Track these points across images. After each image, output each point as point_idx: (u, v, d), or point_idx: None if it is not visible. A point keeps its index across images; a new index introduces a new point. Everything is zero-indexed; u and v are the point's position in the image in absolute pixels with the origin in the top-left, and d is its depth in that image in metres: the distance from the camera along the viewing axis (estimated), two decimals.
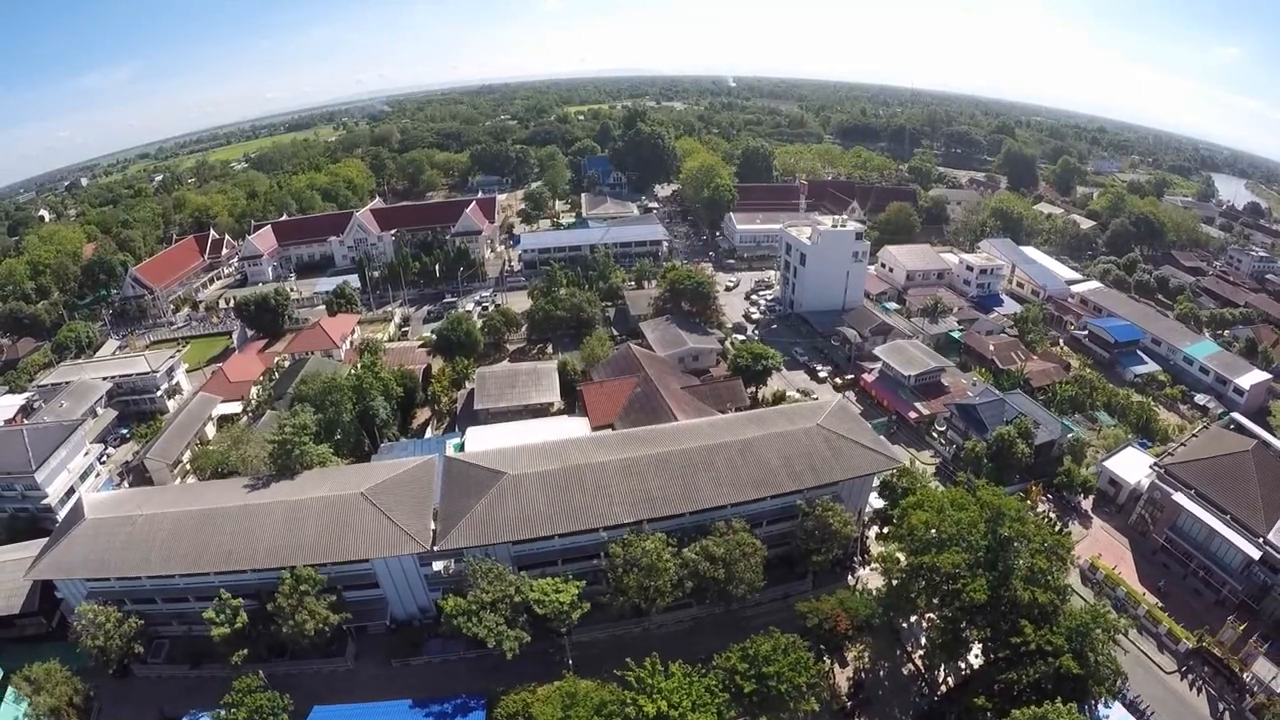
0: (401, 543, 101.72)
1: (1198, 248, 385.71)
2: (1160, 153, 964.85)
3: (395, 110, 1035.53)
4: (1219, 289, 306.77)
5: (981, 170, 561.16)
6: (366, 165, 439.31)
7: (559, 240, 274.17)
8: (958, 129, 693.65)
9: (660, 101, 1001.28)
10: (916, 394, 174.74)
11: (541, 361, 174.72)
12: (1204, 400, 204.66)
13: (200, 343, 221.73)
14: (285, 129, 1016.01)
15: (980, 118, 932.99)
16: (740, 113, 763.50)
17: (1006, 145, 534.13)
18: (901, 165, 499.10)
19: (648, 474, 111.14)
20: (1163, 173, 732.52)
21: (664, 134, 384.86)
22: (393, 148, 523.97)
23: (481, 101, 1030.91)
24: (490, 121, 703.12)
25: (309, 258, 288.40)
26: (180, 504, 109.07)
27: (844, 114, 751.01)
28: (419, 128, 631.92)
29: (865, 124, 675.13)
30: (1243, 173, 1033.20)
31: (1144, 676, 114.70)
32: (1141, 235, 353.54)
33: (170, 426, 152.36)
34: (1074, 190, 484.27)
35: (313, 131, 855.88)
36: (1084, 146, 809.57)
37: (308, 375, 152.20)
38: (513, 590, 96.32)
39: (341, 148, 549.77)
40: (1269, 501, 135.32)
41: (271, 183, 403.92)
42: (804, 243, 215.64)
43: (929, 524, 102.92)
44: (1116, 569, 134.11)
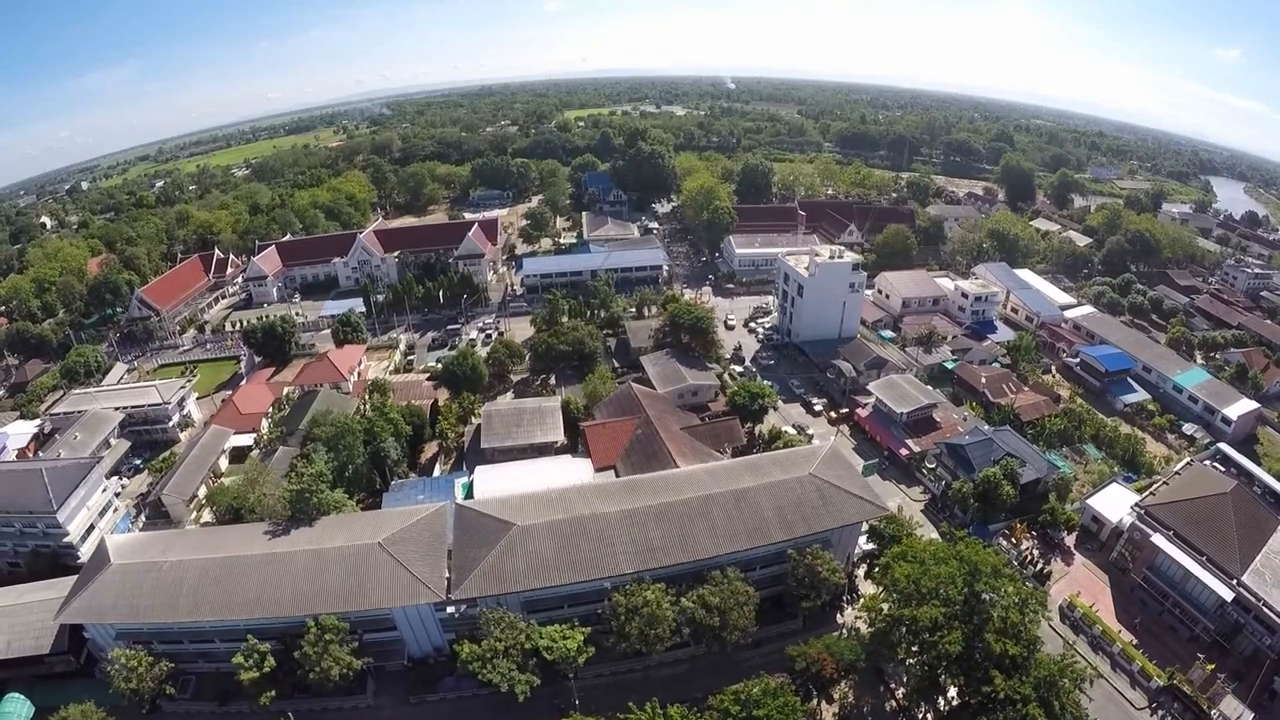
0: (418, 592, 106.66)
1: (1194, 263, 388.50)
2: (1159, 157, 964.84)
3: (395, 113, 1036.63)
4: (1212, 309, 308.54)
5: (980, 179, 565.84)
6: (367, 178, 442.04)
7: (560, 265, 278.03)
8: (957, 137, 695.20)
9: (660, 105, 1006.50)
10: (908, 430, 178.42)
11: (545, 399, 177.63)
12: (1192, 430, 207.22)
13: (208, 367, 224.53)
14: (285, 131, 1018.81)
15: (980, 122, 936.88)
16: (740, 119, 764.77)
17: (1005, 158, 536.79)
18: (900, 177, 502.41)
19: (648, 524, 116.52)
20: (1161, 180, 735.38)
21: (664, 153, 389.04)
22: (394, 157, 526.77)
23: (481, 105, 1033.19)
24: (491, 128, 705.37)
25: (313, 278, 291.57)
26: (204, 550, 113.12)
27: (843, 121, 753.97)
28: (419, 134, 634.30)
29: (864, 132, 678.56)
30: (1242, 176, 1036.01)
31: (1116, 713, 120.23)
32: (1137, 253, 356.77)
33: (185, 461, 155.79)
34: (1071, 203, 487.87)
35: (313, 135, 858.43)
36: (1083, 152, 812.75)
37: (318, 413, 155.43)
38: (523, 638, 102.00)
39: (342, 156, 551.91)
40: (1245, 543, 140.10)
41: (274, 195, 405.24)
42: (801, 274, 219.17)
43: (910, 577, 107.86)
44: (1094, 606, 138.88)
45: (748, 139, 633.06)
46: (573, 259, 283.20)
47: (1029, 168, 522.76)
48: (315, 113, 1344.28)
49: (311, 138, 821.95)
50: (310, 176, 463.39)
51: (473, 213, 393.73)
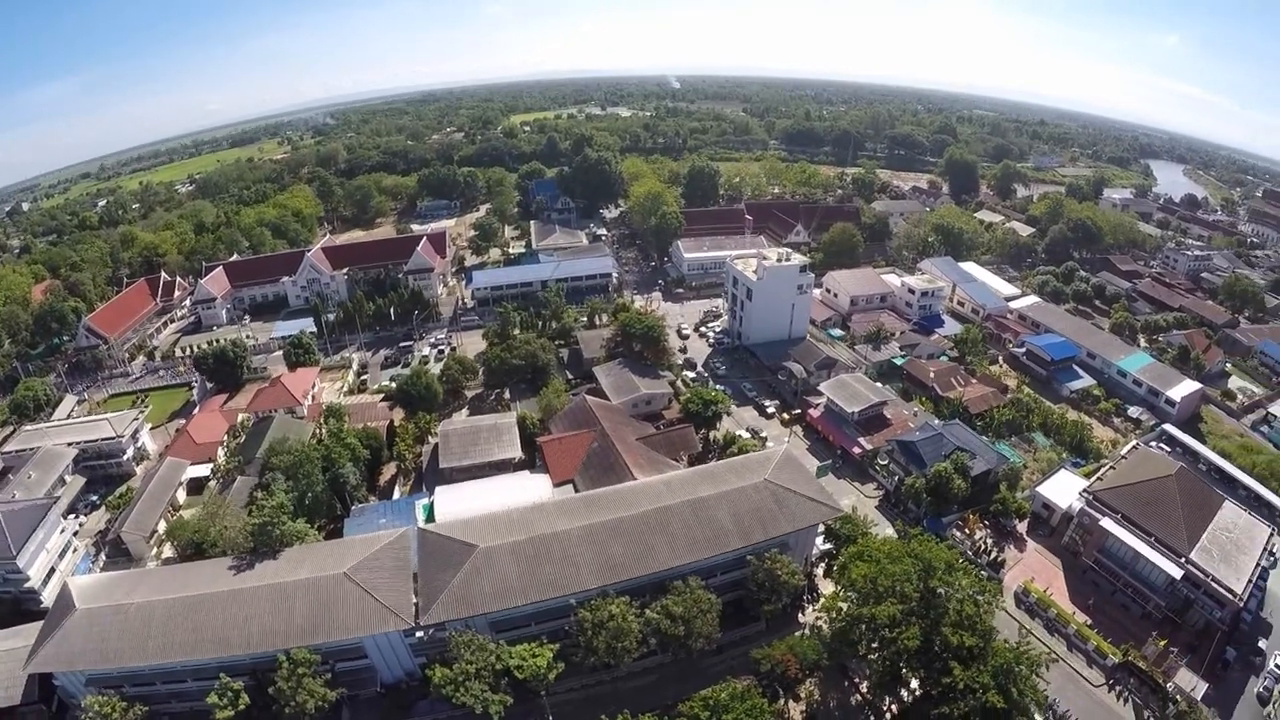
0: (387, 620, 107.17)
1: (1135, 248, 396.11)
2: (1100, 143, 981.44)
3: (340, 122, 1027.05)
4: (1154, 292, 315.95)
5: (925, 172, 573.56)
6: (313, 192, 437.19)
7: (510, 277, 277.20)
8: (901, 131, 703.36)
9: (605, 107, 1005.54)
10: (860, 428, 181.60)
11: (501, 415, 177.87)
12: (1137, 413, 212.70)
13: (159, 395, 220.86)
14: (228, 144, 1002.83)
15: (923, 115, 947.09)
16: (686, 119, 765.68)
17: (949, 151, 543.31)
18: (845, 173, 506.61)
19: (609, 540, 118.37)
20: (1102, 166, 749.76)
21: (610, 159, 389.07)
22: (339, 169, 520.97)
23: (426, 112, 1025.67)
24: (436, 135, 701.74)
25: (262, 298, 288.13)
26: (170, 589, 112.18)
27: (788, 118, 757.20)
28: (365, 144, 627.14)
29: (809, 129, 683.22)
30: (1181, 158, 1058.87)
31: (1074, 691, 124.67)
32: (1080, 241, 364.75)
33: (142, 496, 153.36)
34: (1014, 193, 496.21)
35: (257, 148, 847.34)
36: (1025, 141, 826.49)
37: (275, 441, 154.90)
38: (494, 659, 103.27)
39: (287, 170, 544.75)
40: (1191, 522, 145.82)
41: (219, 213, 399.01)
42: (750, 278, 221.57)
43: (867, 576, 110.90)
44: (1049, 590, 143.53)
45: (694, 139, 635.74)
46: (522, 270, 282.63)
47: (972, 160, 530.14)
48: (258, 124, 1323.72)
49: (255, 150, 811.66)
50: (255, 192, 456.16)
51: (420, 224, 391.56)
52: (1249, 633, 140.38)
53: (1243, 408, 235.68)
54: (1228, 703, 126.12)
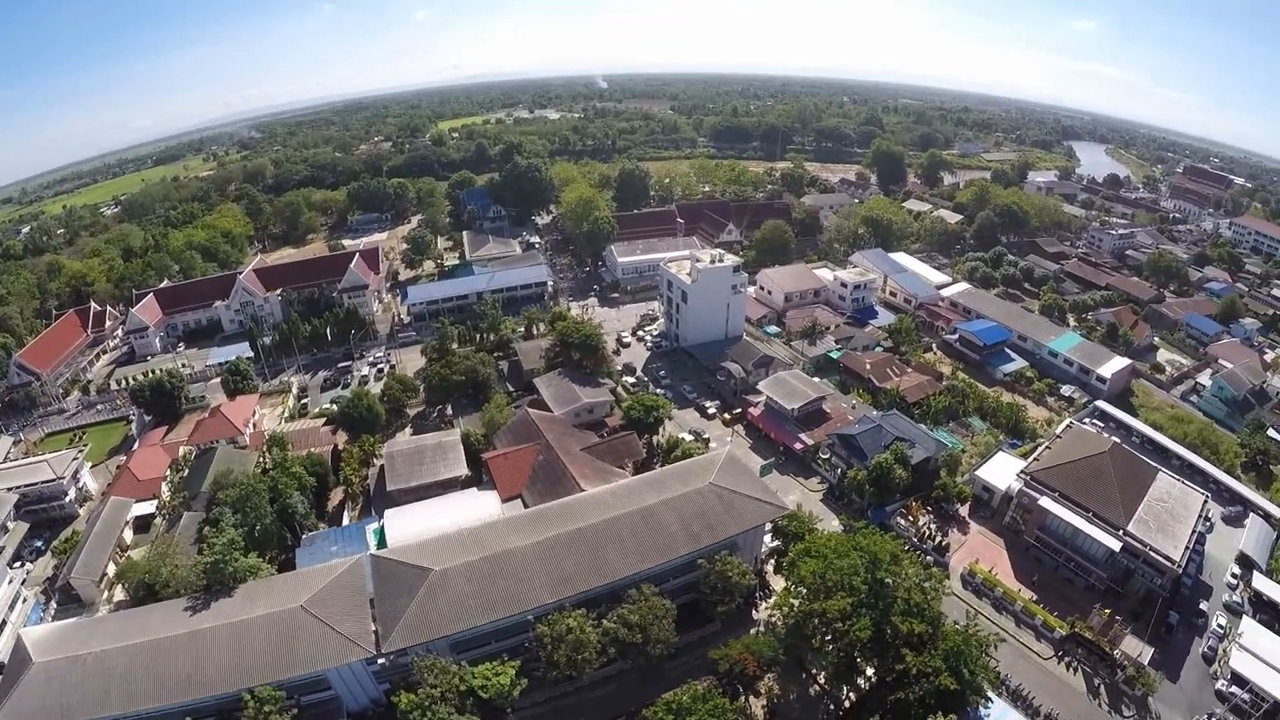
0: (348, 650, 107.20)
1: (1061, 229, 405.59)
2: (1024, 127, 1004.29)
3: (265, 136, 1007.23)
4: (1081, 272, 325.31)
5: (853, 164, 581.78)
6: (242, 210, 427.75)
7: (445, 291, 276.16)
8: (828, 124, 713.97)
9: (533, 110, 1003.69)
10: (800, 424, 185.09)
11: (445, 433, 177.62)
12: (1070, 391, 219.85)
13: (97, 432, 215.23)
14: (153, 162, 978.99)
15: (849, 106, 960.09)
16: (614, 119, 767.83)
17: (875, 143, 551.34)
18: (774, 169, 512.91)
19: (561, 553, 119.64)
20: (1026, 150, 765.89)
21: (540, 165, 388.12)
22: (267, 184, 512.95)
23: (354, 121, 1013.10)
24: (364, 145, 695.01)
25: (196, 324, 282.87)
26: (127, 636, 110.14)
27: (716, 115, 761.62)
28: (292, 158, 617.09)
29: (737, 125, 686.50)
30: (1103, 138, 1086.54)
31: (1025, 665, 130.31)
32: (1007, 225, 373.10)
33: (89, 539, 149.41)
34: (941, 181, 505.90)
35: (182, 165, 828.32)
36: (950, 129, 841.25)
37: (220, 474, 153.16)
38: (457, 680, 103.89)
39: (214, 188, 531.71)
40: (1127, 496, 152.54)
41: (147, 236, 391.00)
42: (684, 280, 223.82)
43: (816, 572, 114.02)
44: (994, 570, 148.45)
45: (623, 140, 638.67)
46: (457, 283, 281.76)
47: (899, 150, 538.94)
48: (183, 139, 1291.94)
49: (180, 168, 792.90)
50: (182, 212, 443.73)
51: (352, 239, 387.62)
52: (1190, 596, 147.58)
53: (1172, 379, 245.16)
54: (1174, 664, 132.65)
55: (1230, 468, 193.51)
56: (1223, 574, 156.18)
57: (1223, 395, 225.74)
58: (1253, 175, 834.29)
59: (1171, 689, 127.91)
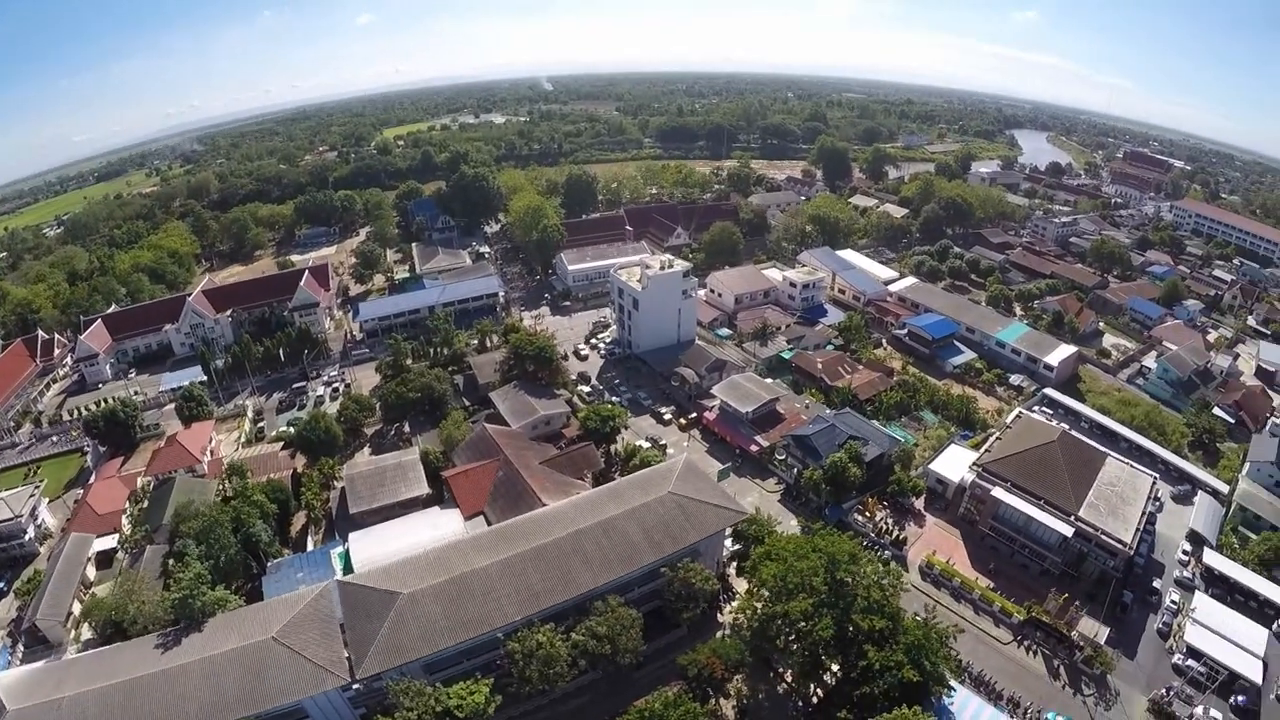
0: (323, 679, 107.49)
1: (1005, 219, 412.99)
2: (966, 118, 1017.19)
3: (209, 148, 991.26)
4: (1026, 261, 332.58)
5: (798, 160, 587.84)
6: (188, 228, 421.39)
7: (398, 305, 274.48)
8: (773, 121, 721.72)
9: (479, 115, 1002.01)
10: (755, 426, 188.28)
11: (404, 452, 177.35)
12: (1018, 380, 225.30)
13: (52, 465, 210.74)
14: (95, 178, 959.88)
15: (794, 102, 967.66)
16: (560, 122, 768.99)
17: (820, 139, 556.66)
18: (721, 168, 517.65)
19: (527, 570, 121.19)
20: (969, 140, 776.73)
21: (488, 174, 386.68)
22: (212, 199, 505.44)
23: (298, 131, 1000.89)
24: (309, 157, 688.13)
25: (146, 349, 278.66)
26: (99, 678, 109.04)
27: (662, 115, 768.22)
28: (236, 171, 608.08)
29: (683, 124, 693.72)
30: (1044, 126, 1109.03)
31: (986, 651, 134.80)
32: (952, 218, 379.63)
33: (52, 579, 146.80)
34: (886, 176, 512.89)
35: (125, 181, 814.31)
36: (894, 121, 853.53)
37: (180, 505, 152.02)
38: (433, 702, 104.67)
39: (158, 205, 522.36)
40: (1076, 482, 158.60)
41: (92, 259, 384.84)
42: (635, 288, 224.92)
43: (777, 575, 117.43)
44: (951, 560, 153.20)
45: (569, 143, 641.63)
46: (409, 297, 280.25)
47: (843, 146, 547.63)
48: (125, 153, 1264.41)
49: (123, 184, 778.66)
50: (127, 231, 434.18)
51: (301, 254, 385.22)
52: (1143, 575, 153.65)
53: (1118, 364, 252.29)
54: (1130, 642, 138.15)
55: (1177, 448, 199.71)
56: (1174, 552, 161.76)
57: (1168, 377, 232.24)
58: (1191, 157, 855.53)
59: (1129, 665, 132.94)
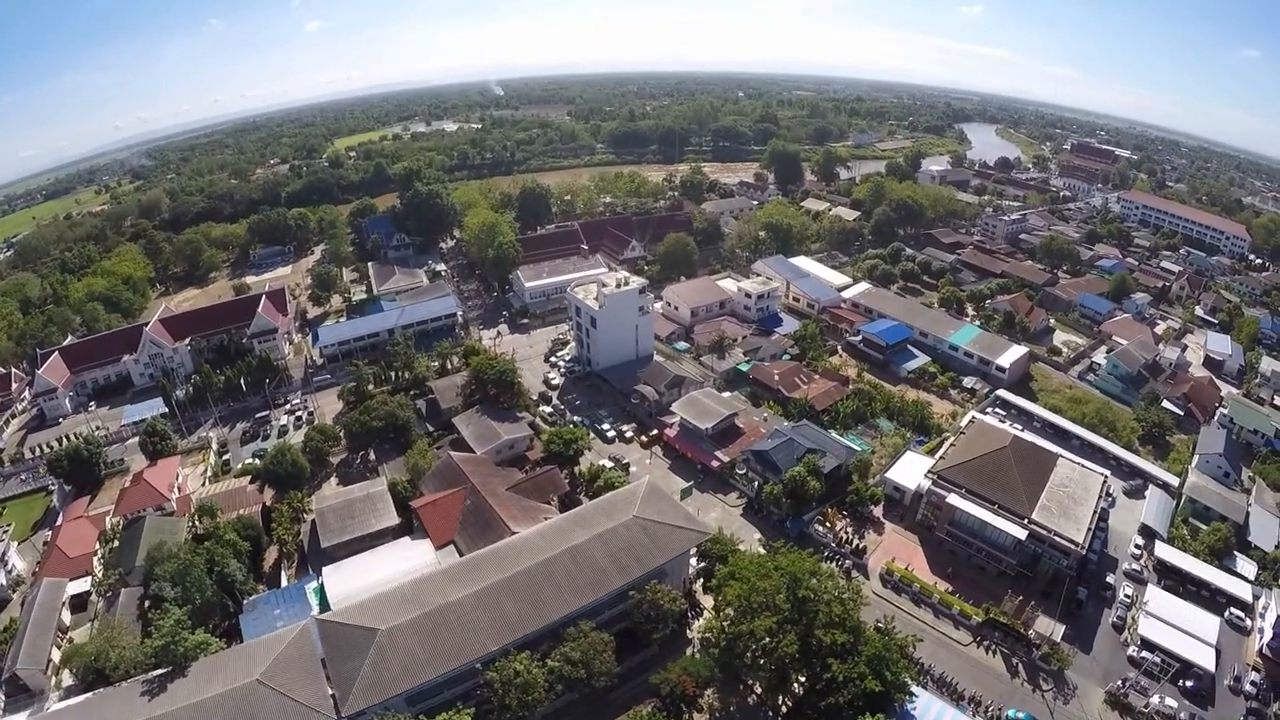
0: (309, 718, 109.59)
1: (956, 218, 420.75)
2: (916, 113, 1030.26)
3: (158, 162, 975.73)
4: (977, 261, 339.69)
5: (751, 162, 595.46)
6: (140, 251, 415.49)
7: (357, 330, 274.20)
8: (724, 123, 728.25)
9: (430, 123, 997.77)
10: (715, 442, 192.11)
11: (372, 483, 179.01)
12: (971, 383, 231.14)
13: (17, 505, 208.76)
14: (44, 196, 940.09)
15: (745, 102, 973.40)
16: (512, 129, 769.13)
17: (771, 143, 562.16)
18: (673, 174, 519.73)
19: (500, 600, 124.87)
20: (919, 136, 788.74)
21: (441, 192, 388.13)
22: (163, 218, 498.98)
23: (248, 143, 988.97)
24: (260, 170, 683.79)
25: (105, 380, 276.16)
26: None
27: (614, 120, 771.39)
28: (187, 188, 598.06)
29: (635, 129, 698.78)
30: (992, 119, 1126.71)
31: (947, 653, 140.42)
32: (903, 219, 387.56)
33: (28, 626, 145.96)
34: (837, 177, 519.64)
35: (74, 199, 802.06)
36: (844, 120, 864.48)
37: (153, 547, 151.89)
38: None
39: (109, 226, 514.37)
40: (1029, 485, 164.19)
41: (44, 286, 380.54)
42: (592, 305, 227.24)
43: (741, 595, 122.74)
44: (910, 567, 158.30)
45: (522, 151, 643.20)
46: (368, 321, 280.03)
47: (795, 149, 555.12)
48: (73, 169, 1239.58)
49: (73, 201, 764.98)
50: (79, 255, 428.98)
51: (256, 275, 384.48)
52: (1097, 571, 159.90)
53: (1069, 360, 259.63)
54: (1086, 637, 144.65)
55: (1128, 443, 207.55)
56: (1127, 546, 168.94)
57: (1117, 373, 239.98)
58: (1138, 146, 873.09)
59: (1086, 660, 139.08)
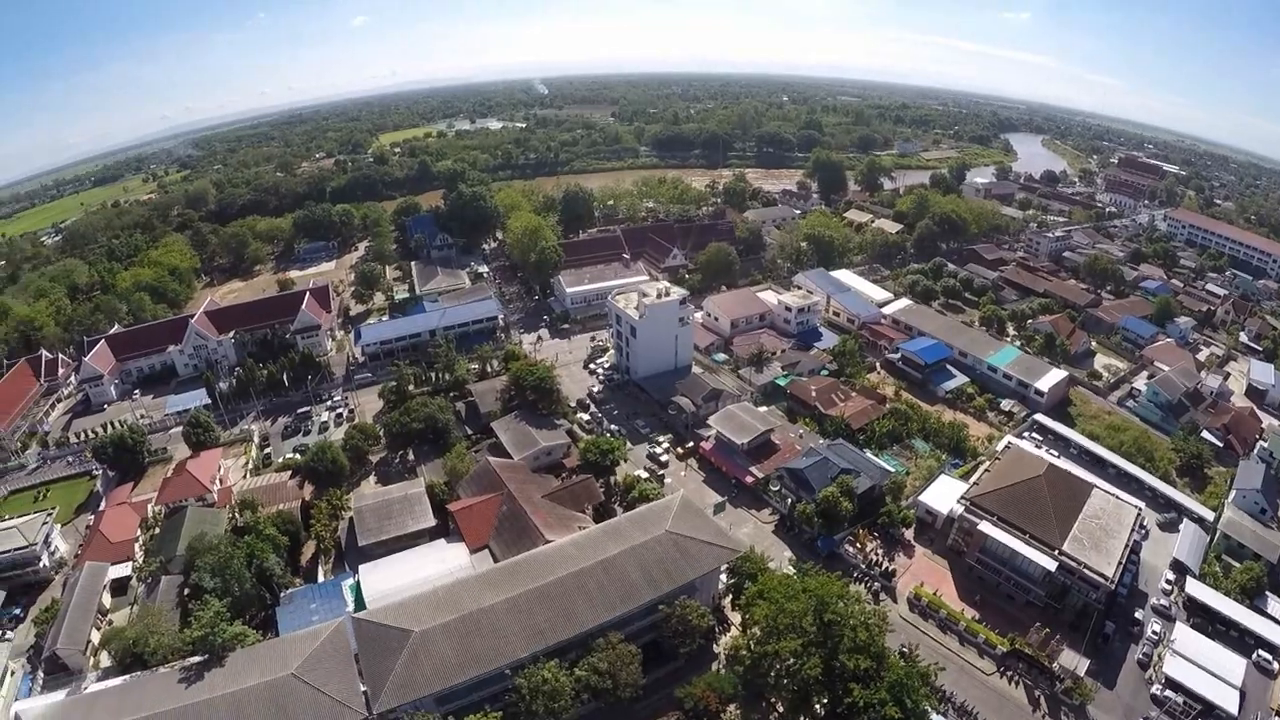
0: (340, 714, 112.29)
1: (1000, 233, 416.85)
2: (961, 122, 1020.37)
3: (205, 153, 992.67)
4: (1019, 279, 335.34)
5: (794, 169, 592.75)
6: (187, 242, 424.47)
7: (399, 330, 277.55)
8: (769, 129, 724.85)
9: (474, 120, 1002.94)
10: (750, 458, 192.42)
11: (410, 484, 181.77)
12: (1009, 405, 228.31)
13: (61, 489, 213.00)
14: (92, 182, 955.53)
15: (789, 107, 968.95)
16: (556, 130, 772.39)
17: (815, 153, 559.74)
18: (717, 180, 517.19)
19: (533, 608, 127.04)
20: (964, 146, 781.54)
21: (485, 194, 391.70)
22: (210, 209, 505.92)
23: (293, 136, 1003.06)
24: (306, 165, 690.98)
25: (150, 369, 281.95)
26: (124, 712, 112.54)
27: (657, 123, 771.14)
28: (233, 180, 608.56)
29: (679, 133, 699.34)
30: (1039, 129, 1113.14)
31: (969, 682, 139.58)
32: (946, 233, 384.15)
33: (70, 608, 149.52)
34: (881, 188, 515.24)
35: (122, 186, 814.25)
36: (888, 127, 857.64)
37: (194, 538, 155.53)
38: None
39: (156, 215, 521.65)
40: (1061, 516, 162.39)
41: (92, 273, 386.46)
42: (632, 315, 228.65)
43: (769, 616, 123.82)
44: (938, 593, 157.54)
45: (565, 152, 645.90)
46: (410, 321, 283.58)
47: (838, 158, 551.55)
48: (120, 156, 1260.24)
49: (121, 189, 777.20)
50: (126, 243, 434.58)
51: (300, 269, 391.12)
52: (1126, 605, 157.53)
53: (1109, 385, 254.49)
54: (1110, 672, 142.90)
55: (1165, 474, 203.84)
56: (1158, 581, 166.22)
57: (1157, 400, 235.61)
58: (1187, 161, 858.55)
59: (1109, 696, 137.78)
